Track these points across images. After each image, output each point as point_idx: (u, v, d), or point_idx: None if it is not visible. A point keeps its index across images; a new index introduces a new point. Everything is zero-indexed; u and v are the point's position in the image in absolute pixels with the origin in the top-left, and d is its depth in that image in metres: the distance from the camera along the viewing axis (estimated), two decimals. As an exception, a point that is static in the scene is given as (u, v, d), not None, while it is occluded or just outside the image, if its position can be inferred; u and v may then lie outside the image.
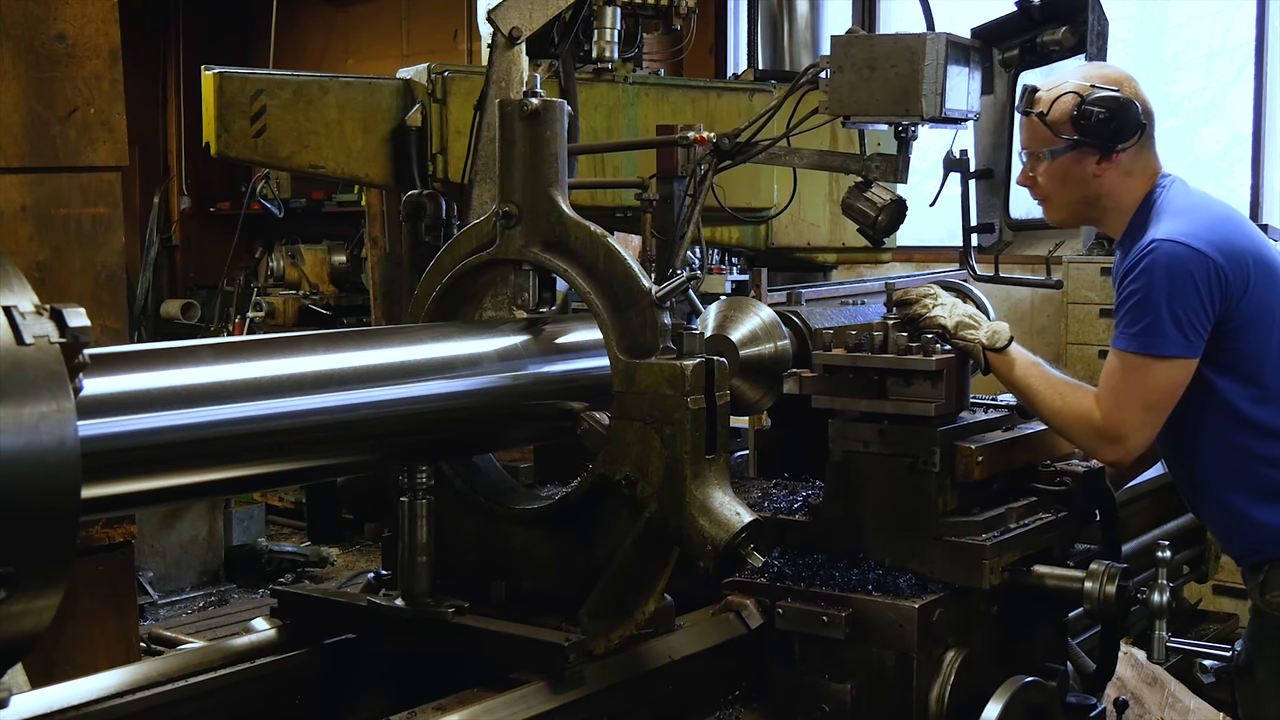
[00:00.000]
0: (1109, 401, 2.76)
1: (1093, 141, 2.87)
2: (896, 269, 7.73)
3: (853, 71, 3.07)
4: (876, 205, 3.31)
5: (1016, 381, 2.84)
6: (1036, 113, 2.91)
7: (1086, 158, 2.90)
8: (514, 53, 3.97)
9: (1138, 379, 2.74)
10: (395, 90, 4.66)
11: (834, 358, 2.86)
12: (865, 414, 2.82)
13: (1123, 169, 2.91)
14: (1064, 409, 2.80)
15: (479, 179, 4.02)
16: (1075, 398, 2.80)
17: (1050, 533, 2.93)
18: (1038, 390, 2.82)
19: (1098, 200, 2.95)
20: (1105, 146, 2.87)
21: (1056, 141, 2.90)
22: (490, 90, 3.97)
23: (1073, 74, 2.99)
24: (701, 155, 3.37)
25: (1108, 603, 2.74)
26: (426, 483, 2.44)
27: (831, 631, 2.63)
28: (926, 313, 2.86)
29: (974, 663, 2.71)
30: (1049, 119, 2.89)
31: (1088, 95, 2.85)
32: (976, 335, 2.83)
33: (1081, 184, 2.93)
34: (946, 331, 2.83)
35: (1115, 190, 2.92)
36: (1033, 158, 2.99)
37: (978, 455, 2.76)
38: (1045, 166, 2.95)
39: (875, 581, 2.70)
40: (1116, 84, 2.89)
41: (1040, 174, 2.97)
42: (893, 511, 2.77)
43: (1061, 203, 3.00)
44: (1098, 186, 2.92)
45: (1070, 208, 3.01)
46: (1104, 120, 2.83)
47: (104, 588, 3.69)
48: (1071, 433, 2.84)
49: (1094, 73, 2.96)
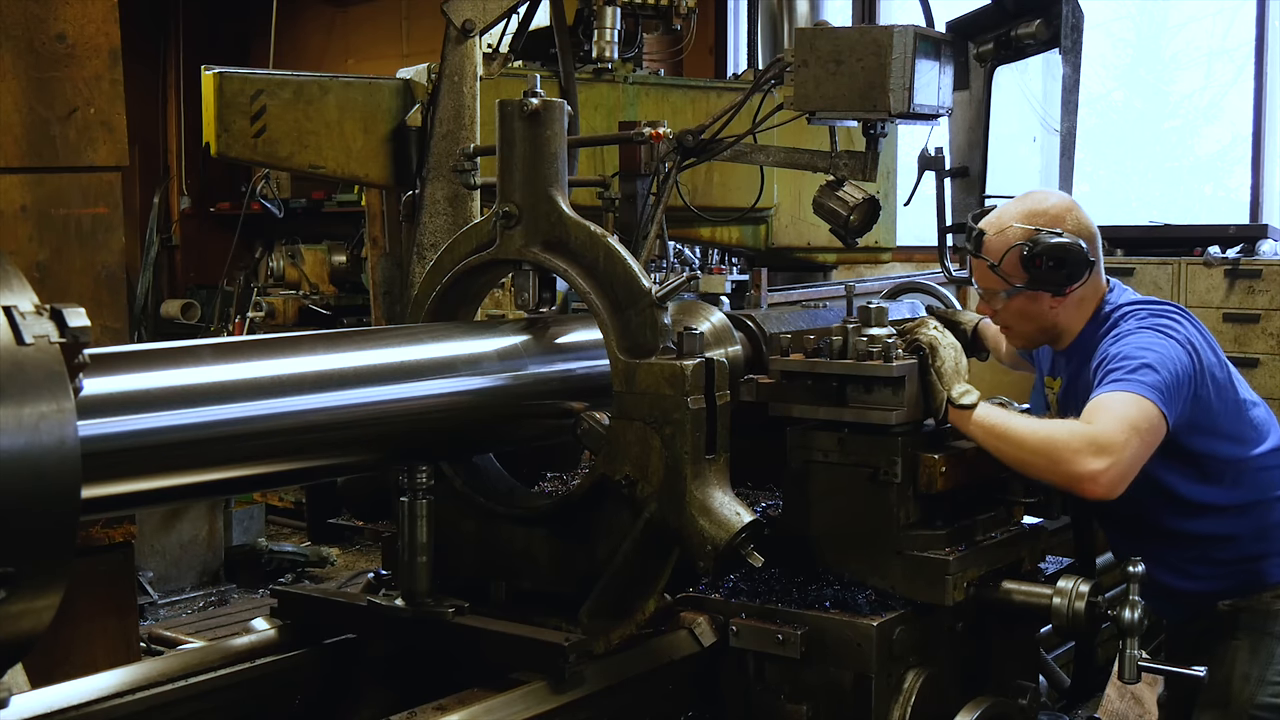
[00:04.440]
0: (1103, 415, 2.68)
1: (1045, 287, 2.94)
2: (897, 269, 7.72)
3: (818, 66, 3.04)
4: (848, 204, 3.29)
5: (979, 424, 2.67)
6: (989, 263, 2.95)
7: (1041, 297, 2.96)
8: (467, 46, 3.97)
9: (1138, 410, 2.68)
10: (395, 90, 4.67)
11: (791, 363, 2.72)
12: (824, 422, 2.69)
13: (1075, 298, 2.97)
14: (1045, 429, 2.68)
15: (431, 176, 4.02)
16: (1055, 422, 2.74)
17: (1019, 546, 2.81)
18: (1008, 425, 2.68)
19: (1055, 328, 3.03)
20: (1058, 290, 2.94)
21: (1009, 286, 2.96)
22: (443, 85, 3.96)
23: (1014, 214, 2.98)
24: (665, 153, 3.35)
25: (1077, 620, 2.63)
26: (426, 483, 2.44)
27: (787, 650, 2.51)
28: (923, 331, 2.76)
29: (938, 683, 2.60)
30: (1000, 269, 2.94)
31: (1034, 245, 2.88)
32: (946, 379, 2.70)
33: (1038, 317, 3.00)
34: (928, 352, 2.70)
35: (1070, 318, 3.01)
36: (989, 294, 3.03)
37: (941, 465, 2.63)
38: (1002, 304, 3.01)
39: (833, 598, 2.58)
40: (1058, 222, 2.92)
41: (998, 308, 3.03)
42: (852, 524, 2.65)
43: (1021, 332, 3.08)
44: (1054, 318, 3.00)
45: (1029, 336, 3.09)
46: (1053, 268, 2.89)
47: (104, 588, 3.69)
48: (1053, 448, 2.64)
49: (1036, 210, 2.96)
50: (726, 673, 2.61)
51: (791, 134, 3.56)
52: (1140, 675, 2.62)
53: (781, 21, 6.74)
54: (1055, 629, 2.76)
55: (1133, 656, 2.58)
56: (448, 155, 4.08)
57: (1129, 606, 2.56)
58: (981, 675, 2.77)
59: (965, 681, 2.72)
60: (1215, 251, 6.26)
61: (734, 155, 3.36)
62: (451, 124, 4.09)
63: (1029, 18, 3.46)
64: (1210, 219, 7.32)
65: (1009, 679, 2.87)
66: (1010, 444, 2.67)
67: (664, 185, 3.33)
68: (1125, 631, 2.58)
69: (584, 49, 5.55)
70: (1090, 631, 2.72)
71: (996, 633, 2.81)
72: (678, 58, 7.58)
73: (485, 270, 2.65)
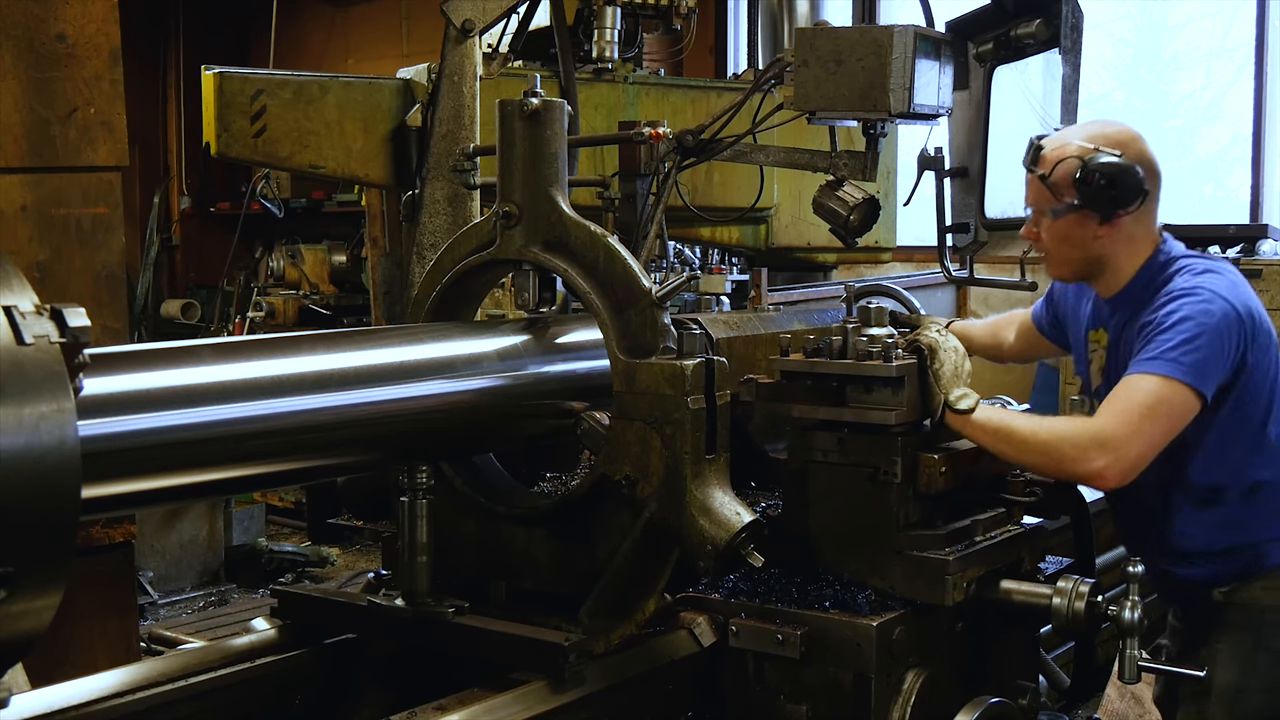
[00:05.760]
0: (1110, 408, 2.69)
1: (1094, 206, 2.86)
2: (897, 269, 7.73)
3: (818, 65, 3.03)
4: (848, 204, 3.29)
5: (979, 425, 2.68)
6: (1039, 173, 2.90)
7: (1088, 221, 2.88)
8: (467, 46, 3.97)
9: (1158, 397, 2.68)
10: (395, 90, 4.67)
11: (791, 363, 2.71)
12: (824, 422, 2.69)
13: (1124, 233, 2.90)
14: (1047, 429, 2.69)
15: (431, 176, 4.02)
16: (1059, 421, 2.74)
17: (1019, 546, 2.80)
18: (1010, 424, 2.70)
19: (1098, 260, 2.94)
20: (1106, 212, 2.86)
21: (1058, 203, 2.89)
22: (443, 84, 3.96)
23: (1078, 132, 2.95)
24: (665, 153, 3.35)
25: (1076, 620, 2.63)
26: (426, 483, 2.44)
27: (786, 651, 2.50)
28: (925, 333, 2.75)
29: (937, 683, 2.59)
30: (1050, 180, 2.87)
31: (1090, 160, 2.82)
32: (943, 386, 2.69)
33: (1083, 245, 2.92)
34: (928, 354, 2.70)
35: (1116, 253, 2.92)
36: (1036, 213, 2.97)
37: (941, 465, 2.62)
38: (1048, 224, 2.94)
39: (832, 598, 2.58)
40: (1121, 146, 2.86)
41: (1043, 230, 2.96)
42: (852, 524, 2.64)
43: (1062, 259, 2.99)
44: (1099, 248, 2.92)
45: (1071, 265, 3.00)
46: (1105, 187, 2.82)
47: (104, 588, 3.69)
48: (1058, 445, 2.67)
49: (1099, 133, 2.92)
50: (726, 673, 2.61)
51: (791, 134, 3.56)
52: (1140, 675, 2.62)
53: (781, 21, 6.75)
54: (1055, 629, 2.75)
55: (1133, 656, 2.58)
56: (448, 155, 4.08)
57: (1128, 606, 2.56)
58: (981, 675, 2.77)
59: (965, 681, 2.71)
60: (1215, 251, 6.27)
61: (734, 155, 3.36)
62: (451, 124, 4.09)
63: (1029, 18, 3.45)
64: (1210, 219, 7.33)
65: (1009, 679, 2.86)
66: (1013, 446, 2.69)
67: (664, 185, 3.32)
68: (1125, 631, 2.57)
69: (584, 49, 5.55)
70: (1090, 631, 2.71)
71: (996, 633, 2.81)
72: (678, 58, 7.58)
73: (485, 270, 2.65)
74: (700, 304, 3.14)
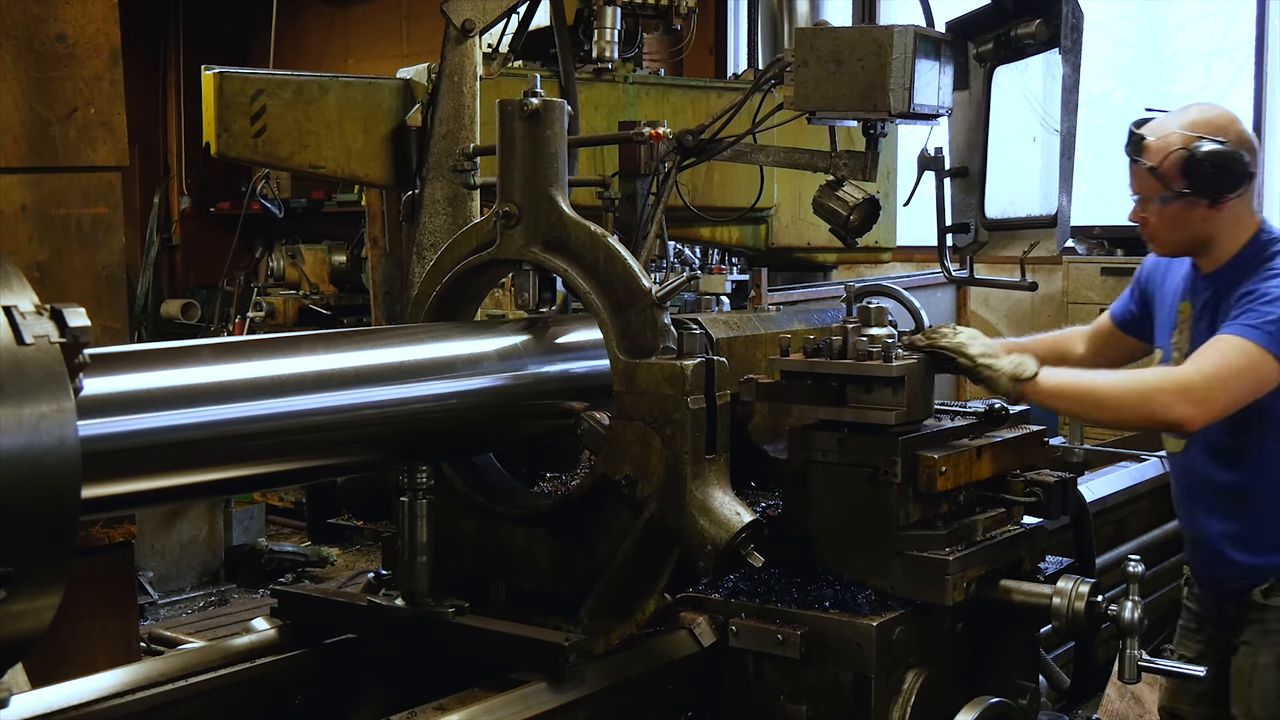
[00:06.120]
0: (1200, 360, 2.83)
1: (1202, 194, 2.99)
2: (897, 269, 7.73)
3: (818, 65, 3.03)
4: (848, 204, 3.28)
5: (1058, 391, 2.82)
6: (1148, 165, 3.03)
7: (1196, 204, 3.02)
8: (467, 46, 3.96)
9: (1246, 358, 2.82)
10: (395, 90, 4.67)
11: (791, 363, 2.71)
12: (824, 422, 2.69)
13: (1230, 213, 3.04)
14: (1132, 379, 2.85)
15: (431, 176, 4.01)
16: (1140, 372, 2.89)
17: (1019, 546, 2.80)
18: (1090, 384, 2.86)
19: (1205, 240, 3.09)
20: (1214, 197, 3.00)
21: (1166, 190, 3.03)
22: (443, 84, 3.96)
23: (1177, 119, 3.07)
24: (665, 152, 3.34)
25: (1076, 620, 2.63)
26: (426, 483, 2.44)
27: (786, 651, 2.50)
28: (949, 340, 2.76)
29: (937, 683, 2.59)
30: (1159, 171, 3.01)
31: (1195, 149, 2.96)
32: (1001, 367, 2.76)
33: (1190, 227, 3.07)
34: (971, 361, 2.74)
35: (1222, 232, 3.07)
36: (1144, 200, 3.11)
37: (941, 465, 2.61)
38: (1155, 210, 3.08)
39: (832, 598, 2.58)
40: (1222, 131, 2.99)
41: (1150, 215, 3.10)
42: (852, 524, 2.64)
43: (1169, 240, 3.14)
44: (1206, 229, 3.07)
45: (1177, 245, 3.16)
46: (1212, 174, 2.96)
47: (104, 588, 3.69)
48: (1152, 394, 2.83)
49: (1200, 119, 3.05)
50: (726, 673, 2.61)
51: (791, 134, 3.56)
52: (1140, 675, 2.62)
53: (781, 21, 6.75)
54: (1055, 629, 2.75)
55: (1133, 656, 2.59)
56: (448, 155, 4.08)
57: (1129, 606, 2.57)
58: (981, 675, 2.77)
59: (965, 681, 2.71)
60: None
61: (734, 155, 3.35)
62: (451, 124, 4.09)
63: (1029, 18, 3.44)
64: (1210, 219, 7.31)
65: (1009, 679, 2.86)
66: (1099, 405, 2.88)
67: (664, 185, 3.32)
68: (1125, 631, 2.58)
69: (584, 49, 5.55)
70: (1090, 631, 2.72)
71: (996, 633, 2.81)
72: (678, 58, 7.59)
73: (485, 270, 2.65)
74: (700, 304, 3.14)
